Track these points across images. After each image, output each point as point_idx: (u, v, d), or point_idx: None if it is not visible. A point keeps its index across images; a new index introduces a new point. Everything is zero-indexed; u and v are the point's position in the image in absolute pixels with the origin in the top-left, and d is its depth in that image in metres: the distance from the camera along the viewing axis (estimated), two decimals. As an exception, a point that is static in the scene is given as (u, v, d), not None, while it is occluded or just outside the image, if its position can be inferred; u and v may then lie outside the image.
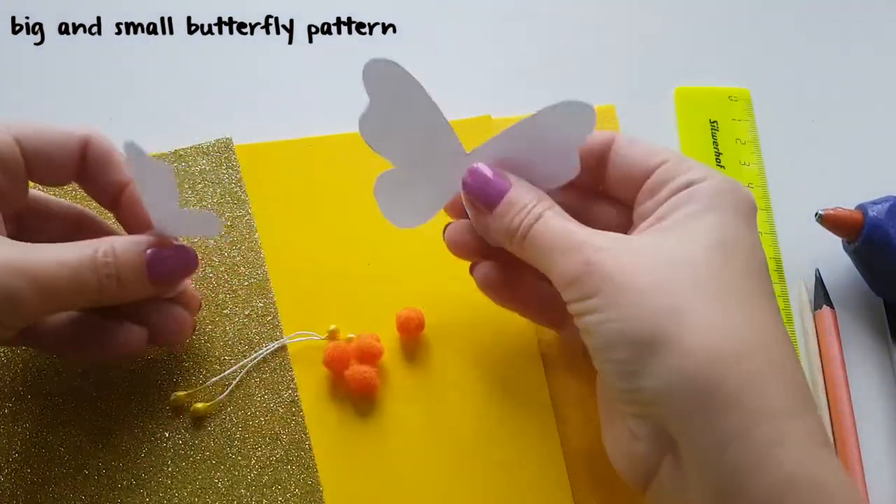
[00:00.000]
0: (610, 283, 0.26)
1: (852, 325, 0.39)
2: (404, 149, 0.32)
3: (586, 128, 0.30)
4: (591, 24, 0.48)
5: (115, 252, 0.30)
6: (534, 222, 0.29)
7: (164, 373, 0.35)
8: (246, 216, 0.39)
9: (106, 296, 0.31)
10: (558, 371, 0.37)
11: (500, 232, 0.30)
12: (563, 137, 0.30)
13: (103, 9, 0.46)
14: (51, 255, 0.29)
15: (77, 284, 0.30)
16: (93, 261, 0.30)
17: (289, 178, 0.41)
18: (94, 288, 0.30)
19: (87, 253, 0.30)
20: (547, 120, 0.30)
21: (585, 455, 0.35)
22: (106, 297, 0.31)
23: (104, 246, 0.30)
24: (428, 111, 0.32)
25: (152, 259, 0.31)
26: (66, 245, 0.30)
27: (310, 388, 0.36)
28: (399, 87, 0.31)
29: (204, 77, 0.45)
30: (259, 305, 0.37)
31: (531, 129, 0.31)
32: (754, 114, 0.45)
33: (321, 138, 0.42)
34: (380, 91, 0.32)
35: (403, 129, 0.32)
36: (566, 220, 0.29)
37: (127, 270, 0.31)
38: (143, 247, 0.31)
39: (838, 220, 0.38)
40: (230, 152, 0.41)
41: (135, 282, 0.31)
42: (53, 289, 0.29)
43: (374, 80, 0.31)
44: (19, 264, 0.28)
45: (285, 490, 0.33)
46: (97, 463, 0.33)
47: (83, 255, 0.30)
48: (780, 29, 0.49)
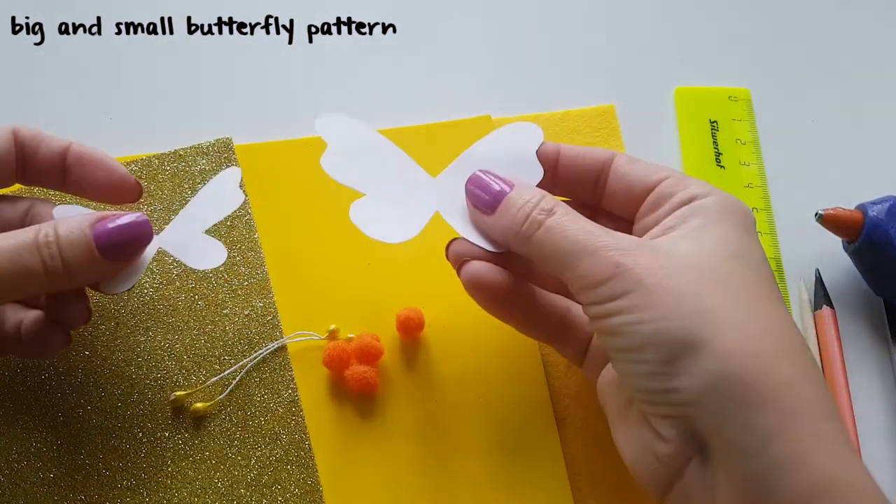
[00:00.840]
0: (642, 285, 0.26)
1: (852, 325, 0.39)
2: (370, 181, 0.34)
3: (537, 138, 0.34)
4: (591, 24, 0.48)
5: (58, 232, 0.29)
6: (545, 218, 0.29)
7: (164, 373, 0.35)
8: (246, 216, 0.39)
9: (55, 279, 0.29)
10: (558, 371, 0.37)
11: (505, 231, 0.30)
12: (519, 149, 0.34)
13: (103, 9, 0.46)
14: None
15: (18, 269, 0.28)
16: (34, 243, 0.29)
17: (289, 178, 0.41)
18: (39, 272, 0.29)
19: (27, 237, 0.29)
20: (501, 137, 0.34)
21: (586, 456, 0.35)
22: (57, 281, 0.30)
23: (46, 227, 0.29)
24: (385, 147, 0.35)
25: (100, 232, 0.30)
26: (6, 233, 0.29)
27: (310, 388, 0.36)
28: (352, 132, 0.35)
29: (204, 77, 0.45)
30: (259, 305, 0.37)
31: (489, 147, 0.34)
32: (754, 114, 0.45)
33: (321, 138, 0.42)
34: (334, 137, 0.35)
35: (365, 165, 0.34)
36: (581, 219, 0.29)
37: (72, 249, 0.29)
38: (87, 222, 0.30)
39: (838, 220, 0.38)
40: (230, 152, 0.41)
41: (84, 261, 0.30)
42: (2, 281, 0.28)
43: (327, 130, 0.35)
44: None
45: (285, 490, 0.33)
46: (97, 463, 0.33)
47: (22, 239, 0.29)
48: (780, 29, 0.49)
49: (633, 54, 0.47)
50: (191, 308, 0.37)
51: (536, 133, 0.34)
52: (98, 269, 0.31)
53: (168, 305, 0.37)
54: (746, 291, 0.27)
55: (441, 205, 0.33)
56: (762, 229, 0.41)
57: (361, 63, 0.46)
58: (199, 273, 0.37)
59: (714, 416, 0.25)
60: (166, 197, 0.39)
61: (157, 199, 0.39)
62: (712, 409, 0.25)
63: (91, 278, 0.31)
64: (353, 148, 0.34)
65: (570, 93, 0.45)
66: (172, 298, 0.37)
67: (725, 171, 0.43)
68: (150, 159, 0.40)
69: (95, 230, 0.30)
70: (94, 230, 0.30)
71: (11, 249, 0.28)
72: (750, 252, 0.28)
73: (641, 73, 0.47)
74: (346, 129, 0.35)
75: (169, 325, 0.36)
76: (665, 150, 0.44)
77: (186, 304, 0.37)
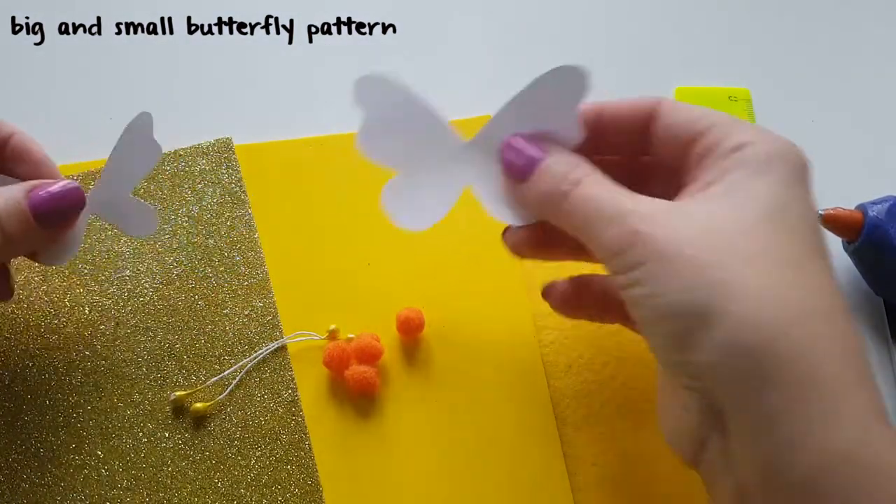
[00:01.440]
0: (657, 254, 0.25)
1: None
2: (405, 155, 0.32)
3: (580, 91, 0.30)
4: (591, 25, 0.48)
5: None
6: (572, 188, 0.28)
7: (164, 373, 0.35)
8: (246, 216, 0.39)
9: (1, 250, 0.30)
10: (558, 371, 0.37)
11: (537, 200, 0.29)
12: (559, 104, 0.30)
13: (103, 9, 0.46)
14: None
15: None
16: None
17: (289, 178, 0.41)
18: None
19: None
20: (541, 89, 0.30)
21: (585, 456, 0.35)
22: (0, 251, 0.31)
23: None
24: (422, 113, 0.32)
25: (35, 202, 0.31)
26: None
27: (310, 388, 0.36)
28: (391, 97, 0.32)
29: (204, 77, 0.45)
30: (259, 305, 0.37)
31: (527, 102, 0.31)
32: (754, 114, 0.45)
33: (321, 138, 0.42)
34: (373, 105, 0.32)
35: (401, 136, 0.32)
36: (611, 186, 0.28)
37: (10, 219, 0.30)
38: (22, 191, 0.31)
39: (838, 220, 0.38)
40: (230, 152, 0.41)
41: (20, 230, 0.30)
42: None
43: (366, 96, 0.31)
44: None
45: (285, 490, 0.33)
46: (97, 463, 0.33)
47: None
48: (780, 29, 0.49)
49: (633, 55, 0.47)
50: (191, 308, 0.37)
51: (580, 85, 0.30)
52: (34, 237, 0.31)
53: (168, 305, 0.37)
54: (774, 254, 0.25)
55: (472, 176, 0.32)
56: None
57: (361, 63, 0.46)
58: (199, 273, 0.37)
59: (727, 389, 0.24)
60: (166, 197, 0.39)
61: (157, 199, 0.39)
62: (725, 382, 0.24)
63: (28, 247, 0.32)
64: (389, 120, 0.32)
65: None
66: (172, 298, 0.37)
67: (725, 171, 0.43)
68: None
69: (31, 199, 0.31)
70: (30, 199, 0.31)
71: None
72: (789, 209, 0.26)
73: (641, 73, 0.47)
74: (385, 96, 0.32)
75: (169, 325, 0.36)
76: (665, 150, 0.44)
77: (186, 304, 0.37)
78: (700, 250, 0.25)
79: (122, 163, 0.33)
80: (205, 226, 0.39)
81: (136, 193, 0.39)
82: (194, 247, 0.38)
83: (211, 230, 0.39)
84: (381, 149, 0.32)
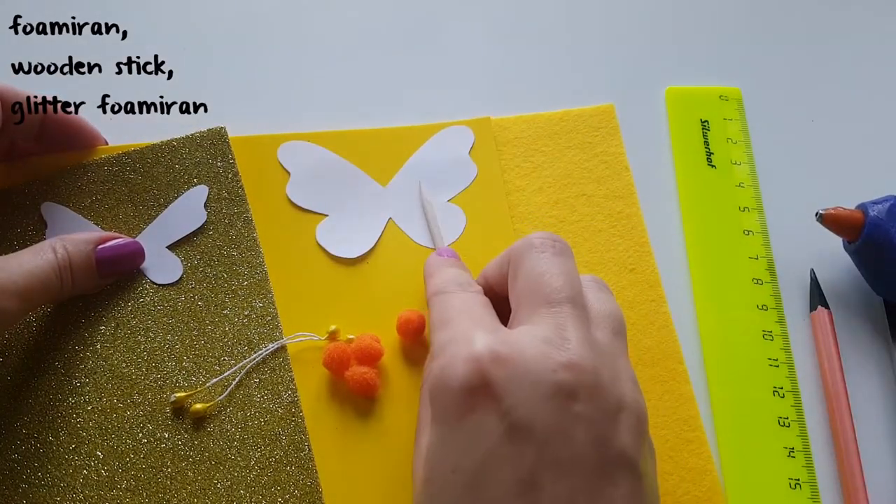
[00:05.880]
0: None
1: (852, 325, 0.39)
2: (330, 201, 0.39)
3: (468, 139, 0.41)
4: (582, 26, 0.48)
5: (68, 252, 0.34)
6: (433, 294, 0.33)
7: (163, 373, 0.35)
8: (244, 213, 0.39)
9: (64, 295, 0.34)
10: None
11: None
12: (456, 152, 0.41)
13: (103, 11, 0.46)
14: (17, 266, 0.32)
15: (45, 288, 0.33)
16: (56, 265, 0.33)
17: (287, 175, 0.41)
18: (57, 289, 0.33)
19: (49, 257, 0.33)
20: (440, 142, 0.41)
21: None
22: (63, 296, 0.34)
23: (58, 247, 0.33)
24: (340, 166, 0.40)
25: (101, 258, 0.35)
26: (24, 254, 0.33)
27: (310, 388, 0.36)
28: (310, 157, 0.40)
29: (204, 77, 0.45)
30: (259, 305, 0.37)
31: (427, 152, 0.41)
32: (745, 113, 0.45)
33: (320, 134, 0.42)
34: (296, 165, 0.40)
35: (326, 188, 0.40)
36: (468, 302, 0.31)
37: (80, 269, 0.34)
38: (91, 246, 0.35)
39: (839, 219, 0.38)
40: (224, 143, 0.40)
41: (85, 278, 0.35)
42: (32, 300, 0.32)
43: (290, 158, 0.40)
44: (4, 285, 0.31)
45: (285, 491, 0.33)
46: (97, 464, 0.33)
47: (47, 260, 0.33)
48: (771, 28, 0.49)
49: (625, 55, 0.48)
50: (191, 308, 0.37)
51: (468, 135, 0.42)
52: (91, 285, 0.36)
53: (168, 306, 0.37)
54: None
55: (393, 212, 0.39)
56: (753, 228, 0.41)
57: (361, 63, 0.46)
58: (199, 273, 0.37)
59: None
60: (161, 191, 0.39)
61: (153, 195, 0.39)
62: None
63: (83, 292, 0.36)
64: (312, 172, 0.40)
65: (565, 93, 0.45)
66: (172, 299, 0.37)
67: (717, 171, 0.43)
68: (144, 151, 0.40)
69: (98, 252, 0.35)
70: (98, 255, 0.35)
71: (40, 271, 0.32)
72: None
73: (633, 73, 0.47)
74: (303, 155, 0.40)
75: (169, 326, 0.36)
76: (656, 150, 0.44)
77: (186, 304, 0.37)
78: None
79: (171, 221, 0.38)
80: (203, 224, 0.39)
81: (131, 189, 0.39)
82: (193, 246, 0.38)
83: (209, 228, 0.39)
84: (308, 198, 0.39)
